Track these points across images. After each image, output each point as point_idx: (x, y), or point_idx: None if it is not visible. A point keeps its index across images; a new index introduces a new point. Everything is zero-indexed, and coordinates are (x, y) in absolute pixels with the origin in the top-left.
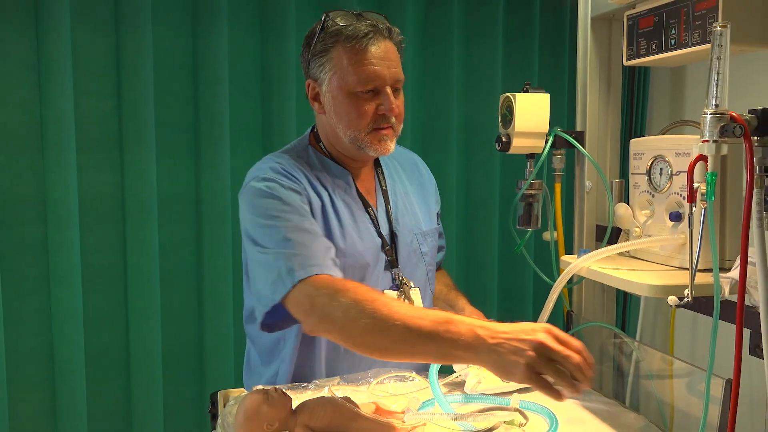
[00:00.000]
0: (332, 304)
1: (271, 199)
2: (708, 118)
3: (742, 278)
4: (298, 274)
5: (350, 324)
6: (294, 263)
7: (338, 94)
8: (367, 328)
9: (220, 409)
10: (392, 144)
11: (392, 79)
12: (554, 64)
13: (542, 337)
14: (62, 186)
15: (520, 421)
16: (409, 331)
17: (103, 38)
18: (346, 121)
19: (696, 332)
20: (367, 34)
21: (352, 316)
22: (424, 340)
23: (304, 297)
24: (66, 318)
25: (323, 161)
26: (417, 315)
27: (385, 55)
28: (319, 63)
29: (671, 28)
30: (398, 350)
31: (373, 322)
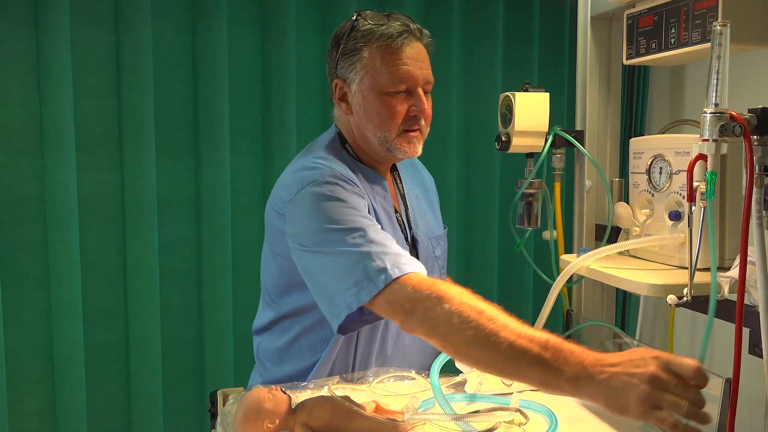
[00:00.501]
0: (436, 310)
1: (337, 202)
2: (708, 117)
3: (742, 277)
4: (392, 272)
5: (453, 333)
6: (385, 262)
7: (369, 94)
8: (470, 341)
9: (219, 407)
10: (419, 146)
11: (424, 81)
12: (554, 64)
13: (654, 368)
14: (62, 185)
15: (520, 421)
16: (514, 352)
17: (103, 37)
18: (377, 121)
19: (695, 331)
20: (402, 33)
21: (456, 326)
22: (529, 364)
23: (402, 297)
24: (66, 317)
25: (358, 165)
26: (524, 335)
27: (418, 56)
28: (350, 62)
29: (671, 27)
30: (501, 369)
31: (476, 336)
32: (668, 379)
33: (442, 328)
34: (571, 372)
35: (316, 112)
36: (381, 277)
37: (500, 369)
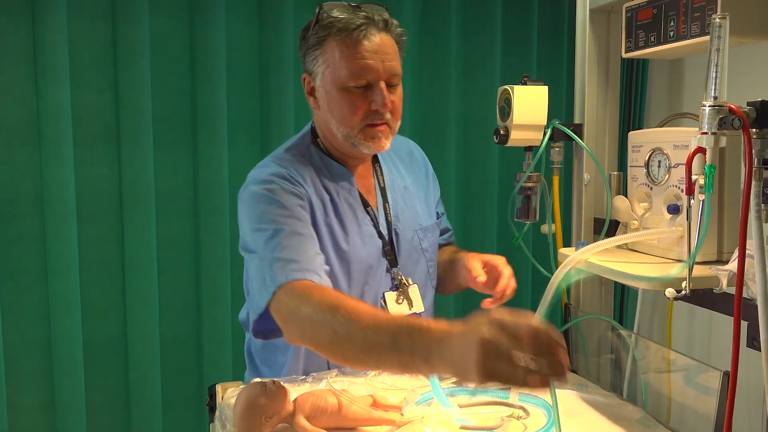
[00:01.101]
0: (300, 312)
1: (268, 204)
2: (707, 110)
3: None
4: (279, 279)
5: (317, 332)
6: (277, 268)
7: (331, 89)
8: (331, 338)
9: (218, 401)
10: (387, 141)
11: (387, 74)
12: (553, 57)
13: (485, 333)
14: (59, 180)
15: (519, 414)
16: (369, 344)
17: (100, 31)
18: (339, 116)
19: (693, 325)
20: (360, 26)
21: (318, 324)
22: (386, 353)
23: (280, 304)
24: (64, 311)
25: (324, 160)
26: (378, 324)
27: (380, 49)
28: (313, 56)
29: (670, 20)
30: (364, 361)
31: (334, 332)
32: (501, 343)
33: (308, 330)
34: (422, 353)
35: None
36: (272, 283)
37: (363, 362)
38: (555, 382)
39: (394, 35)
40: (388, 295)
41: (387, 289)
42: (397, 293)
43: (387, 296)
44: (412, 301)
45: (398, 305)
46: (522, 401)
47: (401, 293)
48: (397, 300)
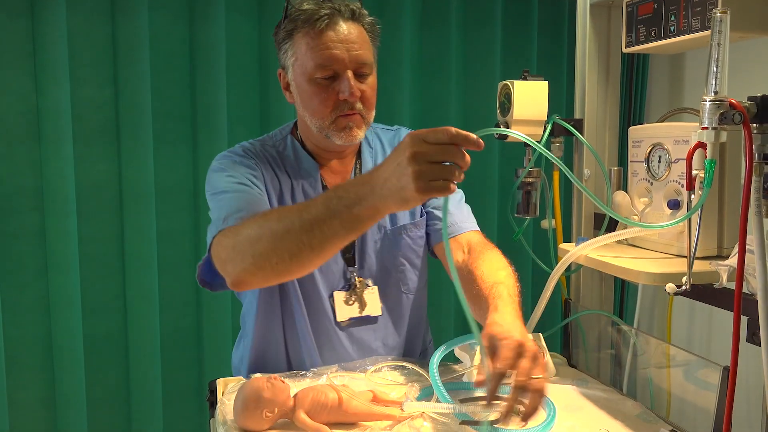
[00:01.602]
0: (237, 238)
1: (220, 173)
2: (707, 105)
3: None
4: (223, 224)
5: (256, 245)
6: (221, 218)
7: (301, 82)
8: (271, 240)
9: (218, 396)
10: (360, 132)
11: (354, 63)
12: (553, 52)
13: (411, 147)
14: (59, 175)
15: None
16: (307, 224)
17: (100, 27)
18: (311, 109)
19: (693, 320)
20: (323, 17)
21: (256, 237)
22: (325, 220)
23: (220, 247)
24: (64, 307)
25: (297, 152)
26: (308, 204)
27: (345, 38)
28: (284, 50)
29: (670, 14)
30: (309, 245)
31: (272, 233)
32: (428, 149)
33: (248, 251)
34: (354, 198)
35: None
36: (214, 230)
37: (310, 246)
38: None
39: (364, 24)
40: (337, 295)
41: (338, 288)
42: (347, 293)
43: (335, 295)
44: (366, 303)
45: (347, 306)
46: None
47: (353, 294)
48: (347, 301)
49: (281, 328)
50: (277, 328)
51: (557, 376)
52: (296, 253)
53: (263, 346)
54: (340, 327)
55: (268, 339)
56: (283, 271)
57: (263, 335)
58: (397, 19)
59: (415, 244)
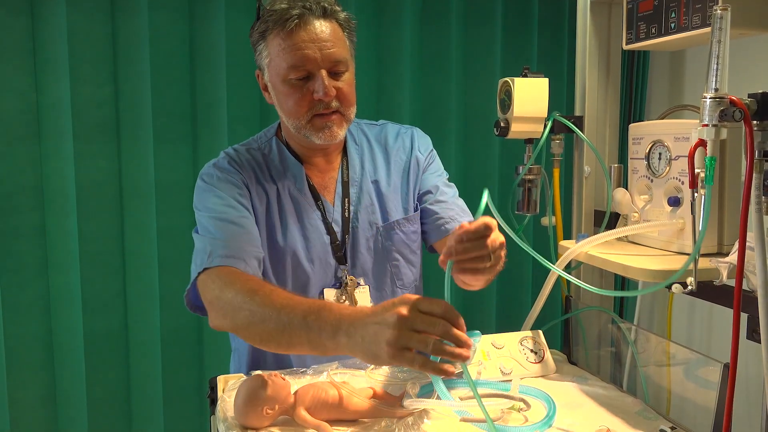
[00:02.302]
0: (222, 296)
1: (207, 193)
2: (707, 102)
3: (740, 263)
4: (206, 262)
5: (236, 315)
6: (206, 252)
7: (276, 83)
8: (248, 320)
9: (219, 394)
10: (341, 130)
11: (327, 62)
12: (553, 49)
13: (401, 310)
14: (60, 173)
15: (520, 407)
16: (282, 324)
17: (100, 25)
18: (287, 110)
19: (693, 317)
20: (293, 17)
21: (237, 307)
22: (297, 331)
23: (204, 288)
24: (65, 305)
25: (282, 153)
26: (293, 305)
27: (317, 37)
28: (259, 52)
29: (671, 11)
30: (277, 341)
31: (251, 314)
32: (415, 317)
33: (228, 314)
34: (330, 330)
35: None
36: (199, 266)
37: (278, 342)
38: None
39: (338, 20)
40: (327, 292)
41: (329, 285)
42: (338, 291)
43: (326, 293)
44: (357, 302)
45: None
46: (522, 393)
47: (343, 292)
48: (338, 299)
49: None
50: None
51: (557, 373)
52: (266, 341)
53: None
54: None
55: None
56: (249, 340)
57: None
58: (398, 17)
59: (408, 239)
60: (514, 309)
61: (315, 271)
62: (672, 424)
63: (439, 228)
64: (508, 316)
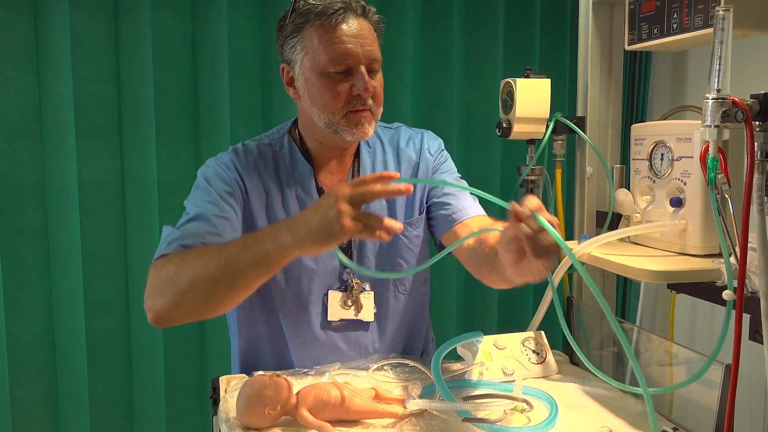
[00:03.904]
0: (159, 275)
1: (198, 189)
2: (710, 103)
3: (742, 264)
4: (166, 250)
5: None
6: (168, 240)
7: (311, 76)
8: (190, 279)
9: (221, 394)
10: (370, 128)
11: (367, 59)
12: (555, 49)
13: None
14: (62, 172)
15: (523, 407)
16: (221, 262)
17: (102, 23)
18: (320, 103)
19: (696, 318)
20: (337, 10)
21: (175, 274)
22: (239, 259)
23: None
24: (67, 304)
25: (293, 153)
26: (230, 242)
27: (359, 33)
28: (291, 45)
29: (673, 12)
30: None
31: (192, 271)
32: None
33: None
34: (270, 239)
35: None
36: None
37: (224, 281)
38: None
39: (372, 21)
40: (332, 294)
41: (334, 288)
42: (344, 294)
43: (330, 294)
44: (362, 306)
45: (342, 308)
46: (525, 394)
47: (348, 296)
48: (344, 303)
49: (267, 327)
50: (261, 327)
51: (559, 374)
52: (211, 292)
53: (249, 348)
54: (330, 327)
55: (253, 339)
56: (199, 308)
57: (247, 334)
58: (399, 17)
59: (412, 244)
60: (516, 309)
61: (319, 273)
62: (674, 425)
63: (448, 218)
64: (510, 316)
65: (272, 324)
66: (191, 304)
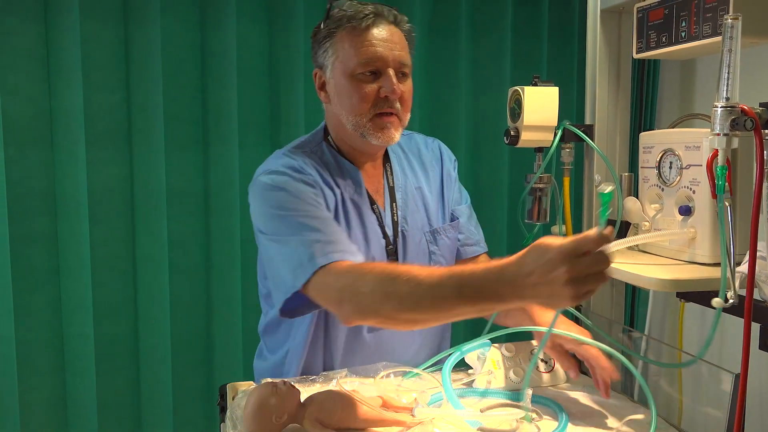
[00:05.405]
0: (357, 289)
1: (281, 192)
2: (719, 111)
3: (751, 273)
4: (319, 260)
5: (381, 304)
6: (315, 249)
7: (341, 79)
8: (397, 306)
9: (229, 401)
10: (397, 133)
11: (395, 62)
12: (563, 57)
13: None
14: (72, 179)
15: (532, 417)
16: (435, 298)
17: (112, 32)
18: (348, 106)
19: (704, 327)
20: (368, 15)
21: (381, 296)
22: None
23: (326, 286)
24: (76, 310)
25: (335, 157)
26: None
27: (389, 38)
28: (324, 49)
29: (681, 20)
30: (434, 317)
31: (400, 300)
32: (582, 268)
33: (369, 307)
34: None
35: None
36: (310, 265)
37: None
38: None
39: (404, 30)
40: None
41: None
42: None
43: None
44: None
45: None
46: (535, 404)
47: None
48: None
49: (323, 330)
50: (321, 330)
51: (568, 383)
52: (420, 322)
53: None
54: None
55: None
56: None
57: (314, 339)
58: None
59: (453, 245)
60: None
61: None
62: None
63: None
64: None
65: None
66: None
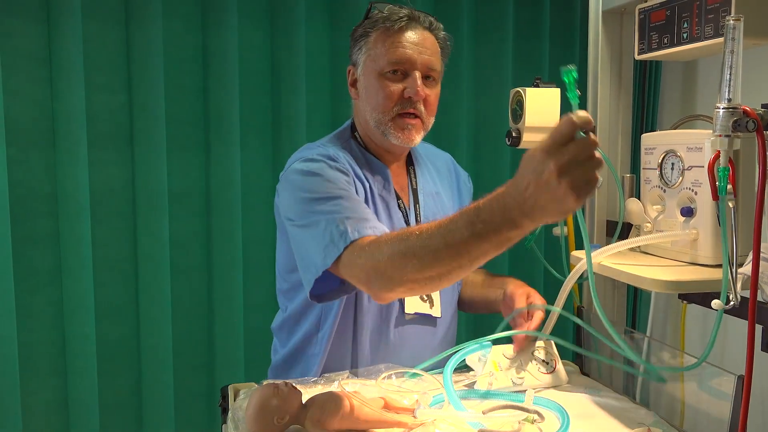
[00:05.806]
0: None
1: (315, 176)
2: (720, 112)
3: (754, 274)
4: (351, 235)
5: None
6: (347, 225)
7: (369, 76)
8: (418, 264)
9: (230, 402)
10: (418, 136)
11: (423, 66)
12: (565, 59)
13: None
14: (73, 180)
15: (534, 418)
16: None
17: (114, 33)
18: (374, 103)
19: (707, 328)
20: (402, 17)
21: (400, 258)
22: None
23: (353, 265)
24: (77, 311)
25: (364, 154)
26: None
27: (420, 42)
28: (358, 47)
29: (683, 21)
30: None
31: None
32: (567, 155)
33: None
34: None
35: (326, 108)
36: (342, 240)
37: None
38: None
39: (438, 37)
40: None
41: None
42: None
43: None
44: (434, 301)
45: (422, 302)
46: (536, 405)
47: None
48: (421, 297)
49: (352, 324)
50: (349, 324)
51: (570, 384)
52: (445, 274)
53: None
54: (404, 320)
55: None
56: (430, 288)
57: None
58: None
59: None
60: None
61: None
62: None
63: None
64: None
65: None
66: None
